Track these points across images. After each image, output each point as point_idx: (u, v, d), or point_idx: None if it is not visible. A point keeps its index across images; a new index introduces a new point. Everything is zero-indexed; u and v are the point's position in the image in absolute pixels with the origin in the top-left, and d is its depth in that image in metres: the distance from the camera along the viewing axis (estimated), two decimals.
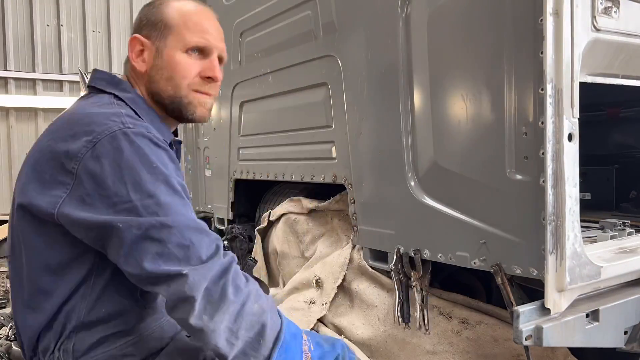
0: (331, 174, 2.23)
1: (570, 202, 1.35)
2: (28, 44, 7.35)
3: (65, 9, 7.58)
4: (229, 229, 3.28)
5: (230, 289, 1.09)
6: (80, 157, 1.09)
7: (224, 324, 1.07)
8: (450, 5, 1.65)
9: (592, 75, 1.51)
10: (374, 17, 1.94)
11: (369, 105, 1.97)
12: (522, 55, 1.41)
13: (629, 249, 1.66)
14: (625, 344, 1.56)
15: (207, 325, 1.05)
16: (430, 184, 1.74)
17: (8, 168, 7.27)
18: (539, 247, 1.37)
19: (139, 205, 1.07)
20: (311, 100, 2.35)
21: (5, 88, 7.23)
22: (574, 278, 1.37)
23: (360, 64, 2.02)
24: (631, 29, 1.53)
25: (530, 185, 1.40)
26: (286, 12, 2.46)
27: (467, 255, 1.60)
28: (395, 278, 1.87)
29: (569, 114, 1.34)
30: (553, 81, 1.33)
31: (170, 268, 1.05)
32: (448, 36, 1.66)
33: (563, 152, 1.33)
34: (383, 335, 2.02)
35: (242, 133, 2.98)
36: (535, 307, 1.40)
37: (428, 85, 1.72)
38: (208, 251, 1.10)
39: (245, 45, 2.84)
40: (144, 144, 1.12)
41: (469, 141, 1.60)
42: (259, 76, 2.72)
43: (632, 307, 1.55)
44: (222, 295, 1.07)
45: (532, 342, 1.36)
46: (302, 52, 2.36)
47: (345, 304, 2.21)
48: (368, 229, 2.03)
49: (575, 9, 1.34)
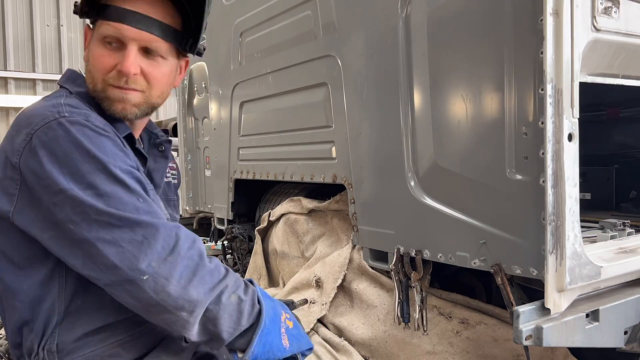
0: (331, 174, 2.23)
1: (570, 202, 1.35)
2: (28, 44, 7.35)
3: (65, 9, 7.59)
4: (229, 229, 3.29)
5: (204, 285, 1.06)
6: (20, 150, 1.05)
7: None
8: (450, 5, 1.65)
9: (592, 75, 1.51)
10: (374, 17, 1.94)
11: (369, 105, 1.97)
12: (522, 55, 1.41)
13: (629, 249, 1.66)
14: (625, 344, 1.56)
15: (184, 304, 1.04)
16: (430, 184, 1.74)
17: None
18: (539, 247, 1.37)
19: (80, 197, 1.01)
20: (311, 100, 2.35)
21: (5, 88, 7.23)
22: (574, 278, 1.37)
23: (360, 64, 2.02)
24: (631, 29, 1.53)
25: (530, 185, 1.40)
26: (286, 12, 2.46)
27: (467, 255, 1.60)
28: (395, 278, 1.87)
29: (569, 114, 1.34)
30: (553, 81, 1.33)
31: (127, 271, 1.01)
32: (448, 36, 1.66)
33: (563, 152, 1.33)
34: (383, 336, 2.02)
35: (242, 133, 2.98)
36: (535, 307, 1.40)
37: (428, 85, 1.72)
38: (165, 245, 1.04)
39: (245, 45, 2.84)
40: (79, 132, 1.05)
41: (469, 141, 1.60)
42: (259, 76, 2.72)
43: (632, 307, 1.55)
44: (197, 294, 1.05)
45: (532, 342, 1.35)
46: (302, 52, 2.36)
47: (345, 304, 2.21)
48: (368, 229, 2.03)
49: (575, 9, 1.34)
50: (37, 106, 1.13)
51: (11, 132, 1.11)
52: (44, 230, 1.06)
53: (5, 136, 1.13)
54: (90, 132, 1.07)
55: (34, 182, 1.04)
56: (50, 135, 1.04)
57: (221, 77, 3.17)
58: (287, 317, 1.24)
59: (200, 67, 3.43)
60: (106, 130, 1.11)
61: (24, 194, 1.06)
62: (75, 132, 1.05)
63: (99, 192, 1.03)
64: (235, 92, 2.99)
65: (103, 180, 1.04)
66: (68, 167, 1.03)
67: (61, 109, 1.08)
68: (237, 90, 2.97)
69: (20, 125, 1.09)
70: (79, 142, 1.04)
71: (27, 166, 1.05)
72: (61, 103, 1.11)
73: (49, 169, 1.02)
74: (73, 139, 1.04)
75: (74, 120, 1.06)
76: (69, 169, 1.03)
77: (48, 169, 1.02)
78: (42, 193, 1.04)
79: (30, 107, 1.14)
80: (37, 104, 1.15)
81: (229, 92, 3.02)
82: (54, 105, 1.10)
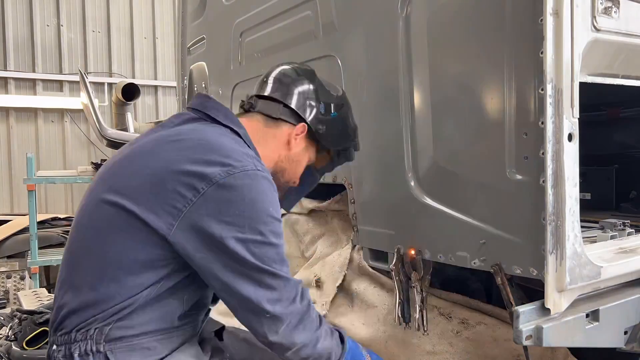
0: (331, 174, 2.23)
1: (570, 202, 1.35)
2: (28, 44, 7.33)
3: (65, 9, 7.57)
4: None
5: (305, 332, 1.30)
6: (213, 181, 1.19)
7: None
8: (450, 5, 1.65)
9: (592, 75, 1.51)
10: (374, 17, 1.94)
11: (369, 105, 1.97)
12: (522, 55, 1.41)
13: (629, 249, 1.66)
14: (625, 344, 1.56)
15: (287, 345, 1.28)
16: (430, 184, 1.74)
17: (8, 168, 7.24)
18: (539, 247, 1.37)
19: (250, 241, 1.19)
20: None
21: (5, 88, 7.21)
22: (574, 278, 1.37)
23: (360, 64, 2.02)
24: (631, 29, 1.53)
25: (530, 185, 1.40)
26: (286, 12, 2.46)
27: (467, 256, 1.60)
28: (396, 278, 1.87)
29: (569, 114, 1.34)
30: (553, 81, 1.33)
31: (267, 307, 1.22)
32: (448, 36, 1.66)
33: (563, 152, 1.33)
34: (383, 336, 2.02)
35: None
36: (535, 307, 1.39)
37: (428, 85, 1.72)
38: (290, 295, 1.28)
39: (245, 45, 2.84)
40: (268, 189, 1.25)
41: (469, 141, 1.60)
42: (259, 76, 2.72)
43: (632, 307, 1.55)
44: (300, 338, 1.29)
45: (532, 342, 1.35)
46: (302, 52, 2.36)
47: (345, 304, 2.21)
48: (368, 229, 2.03)
49: (575, 9, 1.34)
50: (226, 145, 1.27)
51: (195, 157, 1.23)
52: (198, 251, 1.20)
53: (179, 151, 1.24)
54: (273, 190, 1.27)
55: (215, 212, 1.18)
56: (247, 181, 1.21)
57: (221, 77, 3.16)
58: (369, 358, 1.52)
59: (200, 67, 3.42)
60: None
61: (192, 214, 1.19)
62: (265, 188, 1.24)
63: (263, 248, 1.21)
64: (235, 92, 2.98)
65: (269, 236, 1.22)
66: (251, 212, 1.20)
67: (256, 163, 1.27)
68: (237, 90, 2.97)
69: (213, 158, 1.22)
70: (267, 198, 1.24)
71: (215, 195, 1.18)
72: (253, 155, 1.30)
73: (237, 209, 1.19)
74: (263, 192, 1.23)
75: (265, 177, 1.26)
76: (251, 215, 1.20)
77: (236, 208, 1.19)
78: (217, 224, 1.18)
79: (216, 142, 1.28)
80: (221, 140, 1.29)
81: (229, 92, 3.02)
82: (248, 155, 1.28)
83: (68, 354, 1.22)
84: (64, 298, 1.27)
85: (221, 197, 1.19)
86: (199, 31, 3.35)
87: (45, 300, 3.28)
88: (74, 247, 1.32)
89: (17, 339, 2.35)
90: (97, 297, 1.22)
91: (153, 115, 8.10)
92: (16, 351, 2.27)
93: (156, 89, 8.22)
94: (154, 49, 8.19)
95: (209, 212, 1.18)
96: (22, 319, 2.47)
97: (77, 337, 1.22)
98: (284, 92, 1.51)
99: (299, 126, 1.49)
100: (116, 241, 1.23)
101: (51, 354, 1.26)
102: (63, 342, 1.24)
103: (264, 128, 1.49)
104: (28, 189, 5.36)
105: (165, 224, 1.19)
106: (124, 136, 6.40)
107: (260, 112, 1.50)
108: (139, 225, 1.20)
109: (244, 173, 1.22)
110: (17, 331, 2.41)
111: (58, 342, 1.25)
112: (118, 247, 1.23)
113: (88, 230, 1.29)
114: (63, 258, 1.35)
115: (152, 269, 1.23)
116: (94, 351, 1.20)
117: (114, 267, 1.23)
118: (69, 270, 1.30)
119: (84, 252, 1.28)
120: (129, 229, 1.21)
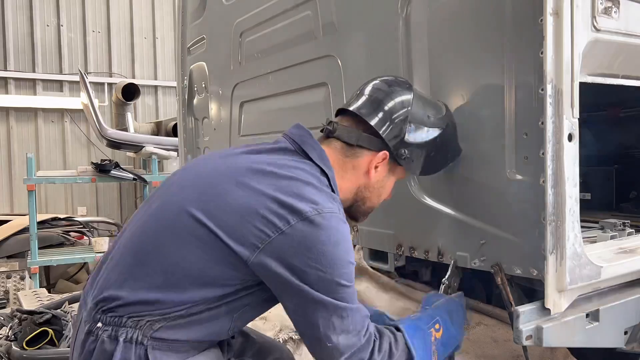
0: None
1: (570, 202, 1.35)
2: (28, 44, 7.33)
3: (65, 9, 7.56)
4: None
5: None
6: (304, 216, 1.23)
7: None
8: (450, 5, 1.65)
9: (592, 75, 1.51)
10: (374, 17, 1.94)
11: None
12: (522, 55, 1.41)
13: (629, 249, 1.66)
14: (625, 344, 1.56)
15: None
16: (430, 184, 1.74)
17: (8, 168, 7.24)
18: (539, 247, 1.37)
19: (328, 280, 1.23)
20: (311, 100, 2.35)
21: (5, 88, 7.21)
22: (574, 278, 1.37)
23: (360, 64, 2.02)
24: (631, 29, 1.53)
25: (530, 186, 1.40)
26: (286, 12, 2.46)
27: (467, 255, 1.60)
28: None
29: (569, 114, 1.34)
30: (553, 81, 1.33)
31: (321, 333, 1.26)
32: (448, 36, 1.66)
33: (563, 152, 1.33)
34: None
35: (242, 133, 2.98)
36: (535, 307, 1.40)
37: (428, 85, 1.72)
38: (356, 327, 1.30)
39: (245, 45, 2.84)
40: (348, 235, 1.30)
41: (469, 141, 1.60)
42: (259, 76, 2.72)
43: (632, 307, 1.56)
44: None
45: (532, 342, 1.36)
46: (302, 52, 2.36)
47: None
48: (368, 229, 2.03)
49: (575, 9, 1.34)
50: (316, 187, 1.31)
51: (287, 189, 1.27)
52: (278, 277, 1.24)
53: (270, 180, 1.29)
54: (348, 235, 1.31)
55: (300, 246, 1.22)
56: (333, 224, 1.26)
57: (221, 77, 3.17)
58: (436, 328, 1.48)
59: (200, 67, 3.42)
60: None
61: (278, 243, 1.22)
62: (346, 235, 1.29)
63: (339, 289, 1.25)
64: (235, 92, 2.98)
65: (346, 280, 1.26)
66: (335, 257, 1.24)
67: (341, 209, 1.33)
68: (237, 90, 2.97)
69: (305, 194, 1.27)
70: (348, 245, 1.29)
71: (302, 229, 1.22)
72: (338, 200, 1.36)
73: (322, 248, 1.22)
74: (344, 237, 1.28)
75: (346, 226, 1.31)
76: (335, 260, 1.24)
77: (322, 247, 1.22)
78: (300, 257, 1.22)
79: (305, 181, 1.31)
80: (311, 180, 1.32)
81: (229, 92, 3.02)
82: (335, 199, 1.33)
83: (113, 336, 1.24)
84: (122, 286, 1.28)
85: (309, 233, 1.22)
86: (199, 31, 3.35)
87: (45, 300, 3.27)
88: (143, 239, 1.32)
89: (17, 339, 2.35)
90: (157, 298, 1.24)
91: (153, 116, 8.10)
92: (16, 351, 2.27)
93: (156, 89, 8.21)
94: (154, 49, 8.18)
95: (294, 244, 1.22)
96: (22, 319, 2.47)
97: (128, 324, 1.24)
98: (369, 110, 1.45)
99: (380, 154, 1.43)
100: (192, 252, 1.25)
101: (92, 329, 1.26)
102: (112, 324, 1.25)
103: (344, 158, 1.44)
104: (28, 189, 5.37)
105: (248, 249, 1.22)
106: (124, 136, 6.41)
107: (338, 139, 1.45)
108: (220, 245, 1.23)
109: (331, 214, 1.26)
110: (17, 331, 2.41)
111: (106, 321, 1.25)
112: (192, 258, 1.25)
113: (165, 231, 1.29)
114: (125, 242, 1.35)
115: (219, 287, 1.26)
116: (138, 342, 1.23)
117: (182, 274, 1.25)
118: (133, 260, 1.30)
119: (155, 251, 1.29)
120: (208, 245, 1.24)
